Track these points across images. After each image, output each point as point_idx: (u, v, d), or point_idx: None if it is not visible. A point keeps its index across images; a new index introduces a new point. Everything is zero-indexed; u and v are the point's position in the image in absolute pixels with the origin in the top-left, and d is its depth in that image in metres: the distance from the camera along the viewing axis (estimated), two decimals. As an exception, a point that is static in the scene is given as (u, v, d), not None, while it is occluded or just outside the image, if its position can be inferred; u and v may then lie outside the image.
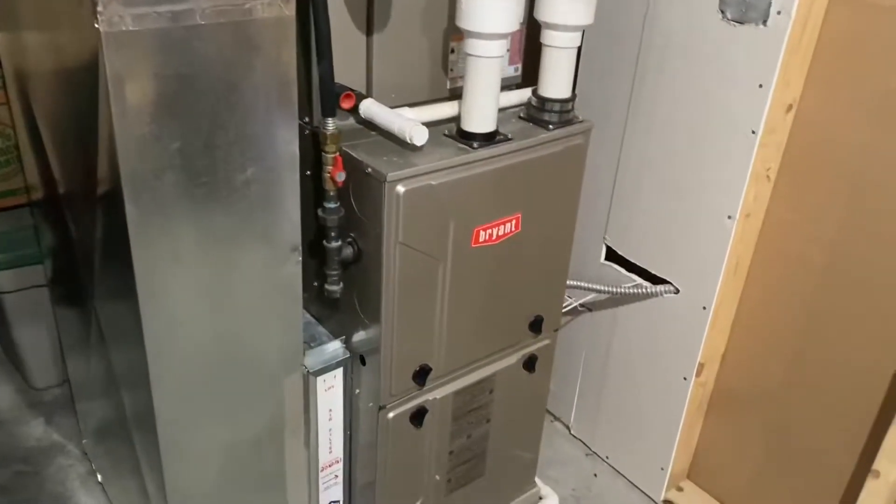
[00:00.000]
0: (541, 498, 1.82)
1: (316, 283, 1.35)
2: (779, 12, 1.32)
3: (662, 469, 1.81)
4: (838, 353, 1.50)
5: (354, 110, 1.25)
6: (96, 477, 1.80)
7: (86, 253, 1.33)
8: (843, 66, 1.36)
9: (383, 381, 1.32)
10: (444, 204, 1.22)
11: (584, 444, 2.03)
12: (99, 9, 0.88)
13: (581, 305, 1.86)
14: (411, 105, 1.31)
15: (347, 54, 1.25)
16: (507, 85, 1.46)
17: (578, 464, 1.99)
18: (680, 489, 1.86)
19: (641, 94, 1.59)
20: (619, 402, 1.89)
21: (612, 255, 1.79)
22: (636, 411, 1.85)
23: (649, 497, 1.87)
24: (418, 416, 1.40)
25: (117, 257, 1.11)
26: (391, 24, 1.26)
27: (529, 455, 1.74)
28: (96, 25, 0.90)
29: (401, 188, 1.16)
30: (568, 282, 1.74)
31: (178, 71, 0.98)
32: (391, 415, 1.37)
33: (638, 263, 1.72)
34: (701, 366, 1.67)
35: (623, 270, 1.76)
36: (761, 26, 1.35)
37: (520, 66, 1.47)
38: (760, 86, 1.38)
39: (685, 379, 1.69)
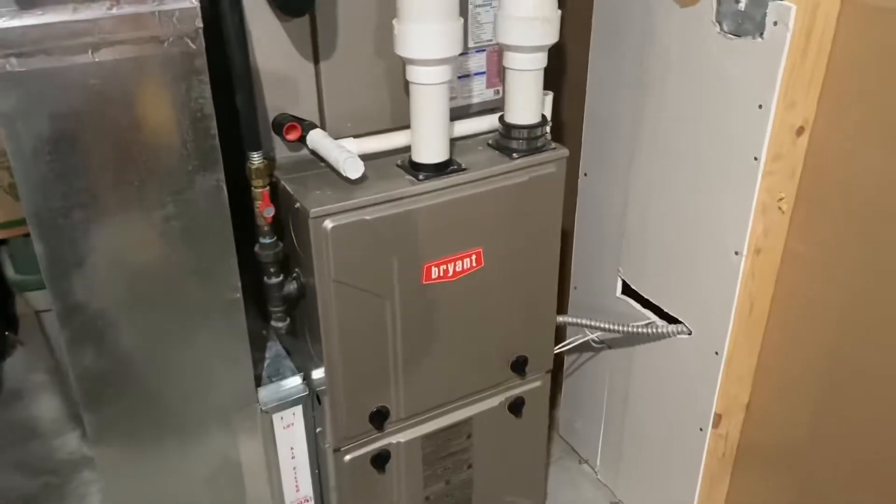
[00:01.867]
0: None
1: (281, 317, 1.32)
2: (775, 23, 1.16)
3: (684, 525, 1.64)
4: (865, 403, 1.29)
5: (303, 141, 1.21)
6: (112, 493, 1.85)
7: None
8: (861, 82, 1.17)
9: (333, 422, 1.26)
10: (383, 239, 1.15)
11: (610, 490, 1.88)
12: (-23, 51, 0.89)
13: (597, 342, 1.72)
14: (367, 134, 1.25)
15: (296, 83, 1.21)
16: (485, 109, 1.38)
17: (601, 512, 1.85)
18: (707, 549, 1.68)
19: (645, 115, 1.45)
20: (639, 448, 1.73)
21: (629, 289, 1.64)
22: (656, 460, 1.68)
23: (673, 555, 1.70)
24: (379, 460, 1.33)
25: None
26: (339, 50, 1.21)
27: (530, 502, 1.62)
28: (-21, 68, 0.90)
29: (328, 223, 1.10)
30: (570, 319, 1.62)
31: (76, 109, 0.97)
32: (348, 458, 1.31)
33: (651, 300, 1.57)
34: (718, 416, 1.50)
35: (638, 306, 1.61)
36: (758, 39, 1.19)
37: (500, 88, 1.38)
38: (760, 106, 1.21)
39: (701, 430, 1.52)
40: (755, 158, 1.25)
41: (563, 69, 1.67)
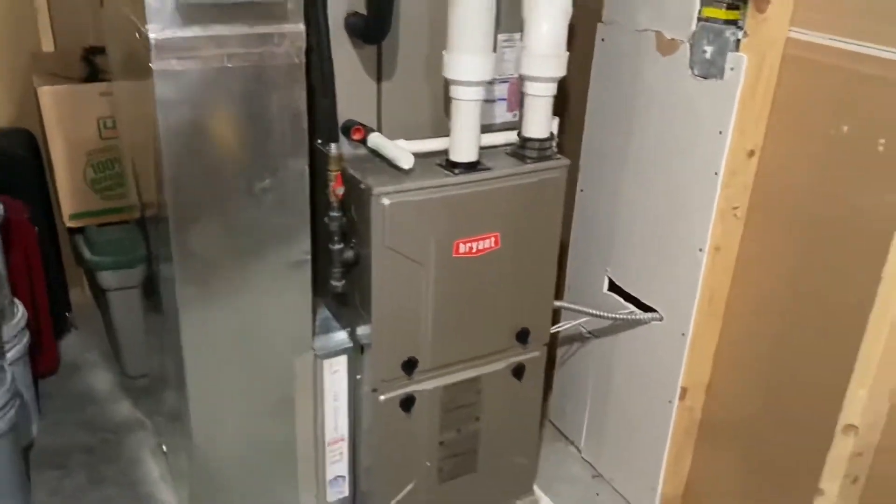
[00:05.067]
0: (538, 507, 1.99)
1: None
2: (732, 69, 1.52)
3: (653, 489, 1.94)
4: (805, 380, 1.61)
5: (364, 141, 1.55)
6: (162, 448, 2.14)
7: (153, 258, 1.68)
8: (795, 117, 1.53)
9: (373, 367, 1.58)
10: (425, 217, 1.49)
11: (592, 466, 2.18)
12: (153, 53, 1.24)
13: (586, 332, 2.04)
14: (413, 139, 1.60)
15: (362, 97, 1.56)
16: (506, 127, 1.73)
17: (584, 484, 2.13)
18: (673, 512, 1.97)
19: (632, 140, 1.80)
20: (618, 425, 2.04)
21: (613, 287, 1.98)
22: (632, 434, 1.99)
23: (644, 518, 1.99)
24: (407, 402, 1.64)
25: (165, 251, 1.44)
26: (397, 74, 1.56)
27: (524, 461, 1.92)
28: (150, 65, 1.25)
29: (385, 200, 1.44)
30: (564, 304, 1.95)
31: (210, 101, 1.31)
32: (382, 398, 1.62)
33: (631, 293, 1.90)
34: (684, 390, 1.81)
35: (622, 300, 1.94)
36: (719, 80, 1.55)
37: (517, 111, 1.73)
38: (720, 132, 1.57)
39: (670, 402, 1.84)
40: (715, 173, 1.60)
41: (566, 103, 2.03)
